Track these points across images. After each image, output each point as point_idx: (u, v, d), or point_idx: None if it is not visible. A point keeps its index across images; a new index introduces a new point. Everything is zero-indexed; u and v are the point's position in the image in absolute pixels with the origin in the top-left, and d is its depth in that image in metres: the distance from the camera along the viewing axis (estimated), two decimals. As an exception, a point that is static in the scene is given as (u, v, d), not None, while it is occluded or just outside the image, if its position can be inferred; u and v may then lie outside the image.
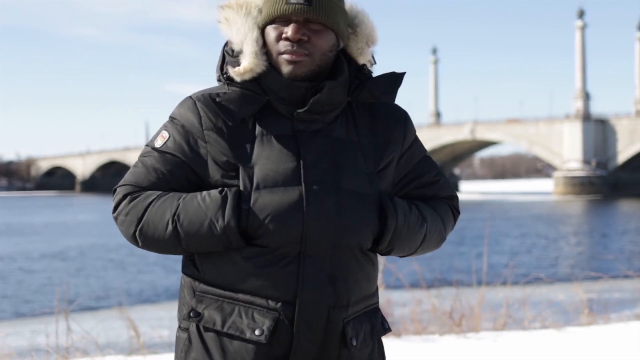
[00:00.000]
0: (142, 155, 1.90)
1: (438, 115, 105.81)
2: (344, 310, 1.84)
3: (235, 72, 1.84)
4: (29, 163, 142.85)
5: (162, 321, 10.17)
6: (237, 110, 1.82)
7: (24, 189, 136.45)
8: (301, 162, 1.81)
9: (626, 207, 57.54)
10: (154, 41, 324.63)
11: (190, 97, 1.89)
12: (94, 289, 17.14)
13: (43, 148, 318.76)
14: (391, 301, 7.35)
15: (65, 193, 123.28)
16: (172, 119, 1.90)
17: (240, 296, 1.80)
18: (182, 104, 1.89)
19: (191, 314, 1.84)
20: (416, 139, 2.01)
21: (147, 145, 1.91)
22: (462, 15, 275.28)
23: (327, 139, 1.86)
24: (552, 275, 16.19)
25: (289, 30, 1.82)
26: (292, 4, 1.81)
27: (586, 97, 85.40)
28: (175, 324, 1.99)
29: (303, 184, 1.79)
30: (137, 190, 1.85)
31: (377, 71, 1.97)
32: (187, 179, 1.85)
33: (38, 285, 19.79)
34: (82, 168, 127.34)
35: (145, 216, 1.82)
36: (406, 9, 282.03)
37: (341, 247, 1.82)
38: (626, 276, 8.99)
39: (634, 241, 29.87)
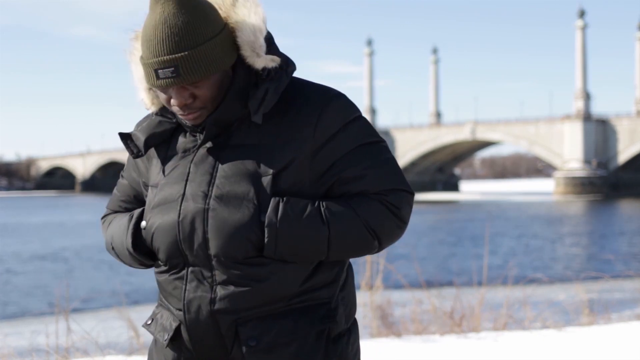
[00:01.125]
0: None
1: (438, 115, 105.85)
2: (234, 314, 1.82)
3: (144, 106, 1.94)
4: (29, 163, 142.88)
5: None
6: (145, 140, 1.91)
7: (24, 189, 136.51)
8: (186, 177, 1.86)
9: (627, 207, 57.57)
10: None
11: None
12: (93, 289, 17.13)
13: (43, 148, 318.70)
14: (391, 301, 7.34)
15: (65, 193, 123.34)
16: None
17: (165, 304, 1.96)
18: None
19: (148, 321, 2.01)
20: (344, 130, 1.83)
21: None
22: (462, 15, 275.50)
23: (220, 150, 1.83)
24: (553, 275, 16.19)
25: (173, 99, 1.79)
26: (162, 79, 1.75)
27: (587, 97, 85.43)
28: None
29: (181, 200, 1.84)
30: (108, 213, 2.11)
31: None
32: (137, 199, 2.06)
33: (38, 285, 19.80)
34: (82, 168, 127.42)
35: (106, 238, 2.06)
36: (406, 9, 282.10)
37: (215, 257, 1.81)
38: (627, 276, 8.99)
39: (634, 241, 29.87)
